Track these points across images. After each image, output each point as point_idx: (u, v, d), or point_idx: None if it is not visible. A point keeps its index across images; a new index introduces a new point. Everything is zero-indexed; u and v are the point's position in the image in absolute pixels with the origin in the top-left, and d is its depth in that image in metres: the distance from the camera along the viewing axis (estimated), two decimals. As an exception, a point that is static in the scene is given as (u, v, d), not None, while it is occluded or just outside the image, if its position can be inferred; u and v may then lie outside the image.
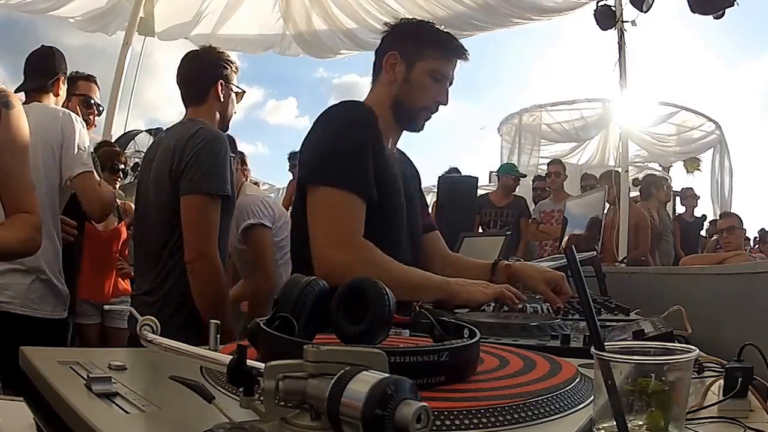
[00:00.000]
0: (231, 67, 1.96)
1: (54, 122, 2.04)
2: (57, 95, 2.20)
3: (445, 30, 1.49)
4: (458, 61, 1.48)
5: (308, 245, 1.30)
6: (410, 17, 1.63)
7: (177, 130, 1.86)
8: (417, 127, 1.50)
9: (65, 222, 2.14)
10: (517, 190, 5.44)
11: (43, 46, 2.26)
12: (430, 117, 1.49)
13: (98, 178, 2.20)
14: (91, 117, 2.65)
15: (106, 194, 2.21)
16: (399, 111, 1.46)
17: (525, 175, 5.87)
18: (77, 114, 2.23)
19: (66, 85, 2.27)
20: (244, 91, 2.03)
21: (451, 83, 1.48)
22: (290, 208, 1.72)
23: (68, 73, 2.33)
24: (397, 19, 1.57)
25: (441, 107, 1.49)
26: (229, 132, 2.04)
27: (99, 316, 3.03)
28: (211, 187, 1.72)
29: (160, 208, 1.79)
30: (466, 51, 1.49)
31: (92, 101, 2.66)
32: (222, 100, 1.92)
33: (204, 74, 1.92)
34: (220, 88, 1.91)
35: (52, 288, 1.99)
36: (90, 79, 2.69)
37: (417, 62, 1.43)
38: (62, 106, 2.21)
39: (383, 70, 1.46)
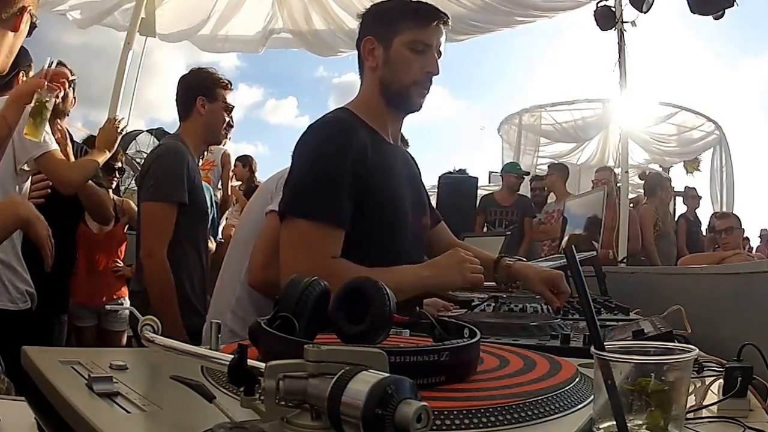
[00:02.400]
0: (218, 85, 2.17)
1: None
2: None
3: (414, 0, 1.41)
4: (441, 27, 1.39)
5: None
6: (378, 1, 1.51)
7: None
8: (413, 107, 1.41)
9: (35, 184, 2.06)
10: (521, 189, 5.44)
11: None
12: (426, 92, 1.40)
13: (63, 157, 2.11)
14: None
15: (78, 168, 2.15)
16: (389, 94, 1.39)
17: (528, 173, 5.87)
18: None
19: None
20: (233, 107, 2.22)
21: (440, 53, 1.40)
22: None
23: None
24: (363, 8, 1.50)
25: (435, 79, 1.40)
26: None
27: (96, 318, 3.01)
28: (158, 195, 1.96)
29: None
30: (443, 13, 1.40)
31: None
32: (203, 114, 2.14)
33: (187, 93, 2.16)
34: (201, 104, 2.13)
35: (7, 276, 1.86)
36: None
37: (393, 39, 1.36)
38: None
39: (363, 58, 1.41)
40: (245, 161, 5.10)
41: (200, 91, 2.14)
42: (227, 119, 2.21)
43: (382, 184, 1.34)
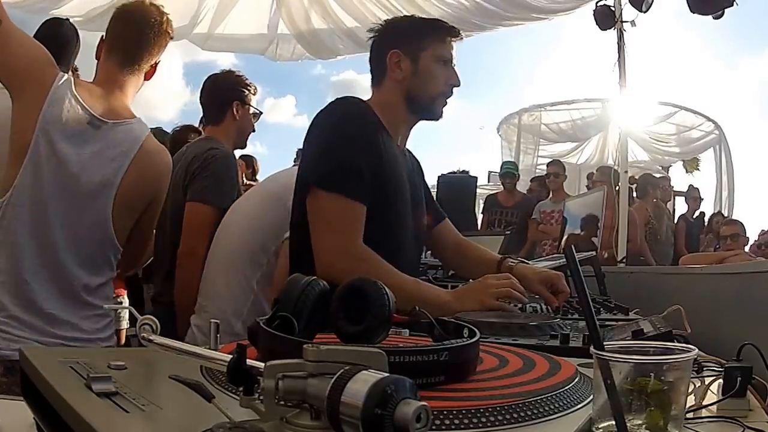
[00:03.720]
0: (249, 90, 2.15)
1: None
2: None
3: (429, 17, 1.54)
4: (456, 42, 1.52)
5: (308, 245, 1.33)
6: (394, 17, 1.70)
7: (194, 146, 2.11)
8: (436, 115, 1.53)
9: None
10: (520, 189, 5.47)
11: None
12: (447, 102, 1.52)
13: None
14: None
15: None
16: (415, 104, 1.49)
17: (517, 173, 5.89)
18: None
19: None
20: (261, 112, 2.23)
21: (454, 64, 1.51)
22: None
23: None
24: (379, 23, 1.59)
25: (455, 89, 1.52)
26: None
27: None
28: (213, 199, 1.93)
29: (173, 215, 1.98)
30: (457, 30, 1.54)
31: None
32: (237, 120, 2.12)
33: (222, 97, 2.13)
34: (235, 109, 2.11)
35: None
36: None
37: (421, 53, 1.47)
38: None
39: (388, 69, 1.48)
40: (249, 161, 5.09)
41: (236, 96, 2.12)
42: (253, 126, 2.21)
43: (390, 174, 1.39)
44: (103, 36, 1.64)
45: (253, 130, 2.25)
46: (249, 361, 0.44)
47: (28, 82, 1.44)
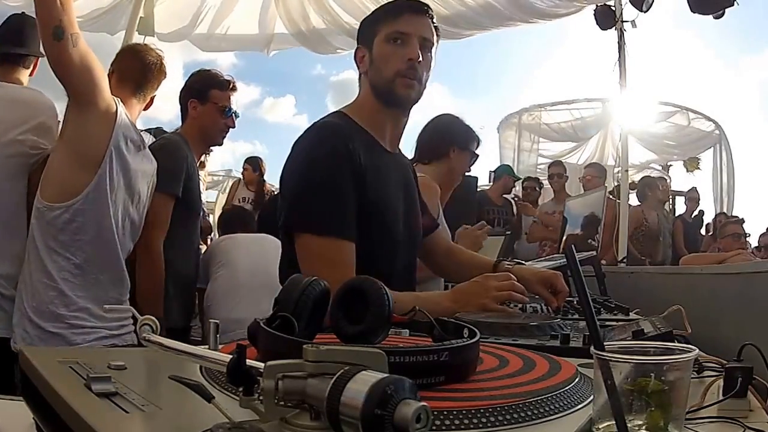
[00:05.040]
0: (210, 86, 2.15)
1: None
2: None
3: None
4: (421, 16, 1.38)
5: None
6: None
7: None
8: (400, 98, 1.38)
9: None
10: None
11: None
12: (412, 81, 1.36)
13: None
14: None
15: None
16: (378, 93, 1.39)
17: (520, 178, 5.92)
18: None
19: None
20: (227, 107, 2.15)
21: (431, 43, 1.39)
22: None
23: None
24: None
25: (422, 71, 1.37)
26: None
27: None
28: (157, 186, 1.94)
29: None
30: (418, 2, 1.40)
31: None
32: (197, 118, 2.14)
33: (181, 95, 2.18)
34: (191, 106, 2.14)
35: None
36: None
37: (374, 39, 1.39)
38: None
39: (359, 68, 1.44)
40: (255, 164, 5.06)
41: (191, 94, 2.14)
42: (224, 122, 2.15)
43: (375, 188, 1.33)
44: (111, 69, 1.91)
45: (230, 127, 2.19)
46: (249, 362, 0.44)
47: (98, 98, 1.63)
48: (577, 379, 0.61)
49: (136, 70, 1.91)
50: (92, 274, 1.65)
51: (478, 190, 5.53)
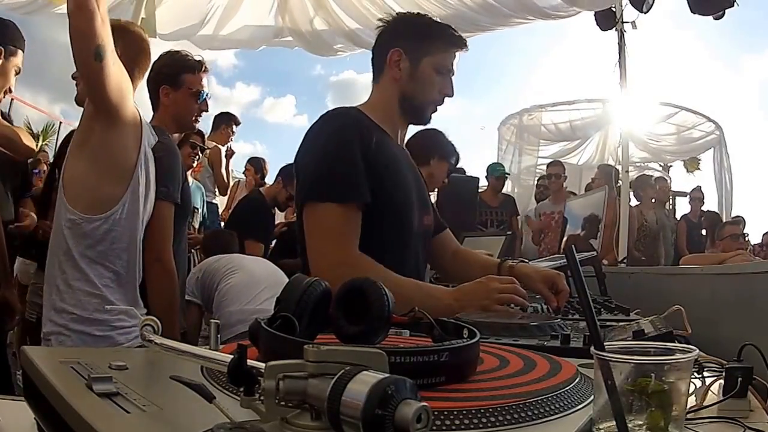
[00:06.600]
0: (182, 70, 2.00)
1: None
2: None
3: (442, 22, 1.51)
4: (458, 53, 1.50)
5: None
6: (406, 12, 1.62)
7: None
8: (424, 121, 1.53)
9: None
10: (513, 190, 5.48)
11: None
12: (437, 110, 1.51)
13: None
14: None
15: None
16: (407, 106, 1.47)
17: (509, 174, 5.93)
18: None
19: None
20: (199, 91, 2.01)
21: (453, 74, 1.50)
22: None
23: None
24: (391, 14, 1.55)
25: (446, 99, 1.51)
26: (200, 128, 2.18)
27: None
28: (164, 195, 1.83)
29: None
30: (465, 41, 1.51)
31: None
32: (169, 105, 1.98)
33: (151, 83, 1.99)
34: (164, 93, 1.98)
35: None
36: None
37: (422, 58, 1.45)
38: None
39: (387, 66, 1.46)
40: (258, 165, 5.06)
41: (162, 80, 1.98)
42: (198, 106, 2.03)
43: (391, 176, 1.37)
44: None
45: (204, 111, 2.07)
46: (250, 362, 0.44)
47: (128, 111, 1.61)
48: (577, 380, 0.61)
49: (135, 53, 1.75)
50: (128, 278, 1.67)
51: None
